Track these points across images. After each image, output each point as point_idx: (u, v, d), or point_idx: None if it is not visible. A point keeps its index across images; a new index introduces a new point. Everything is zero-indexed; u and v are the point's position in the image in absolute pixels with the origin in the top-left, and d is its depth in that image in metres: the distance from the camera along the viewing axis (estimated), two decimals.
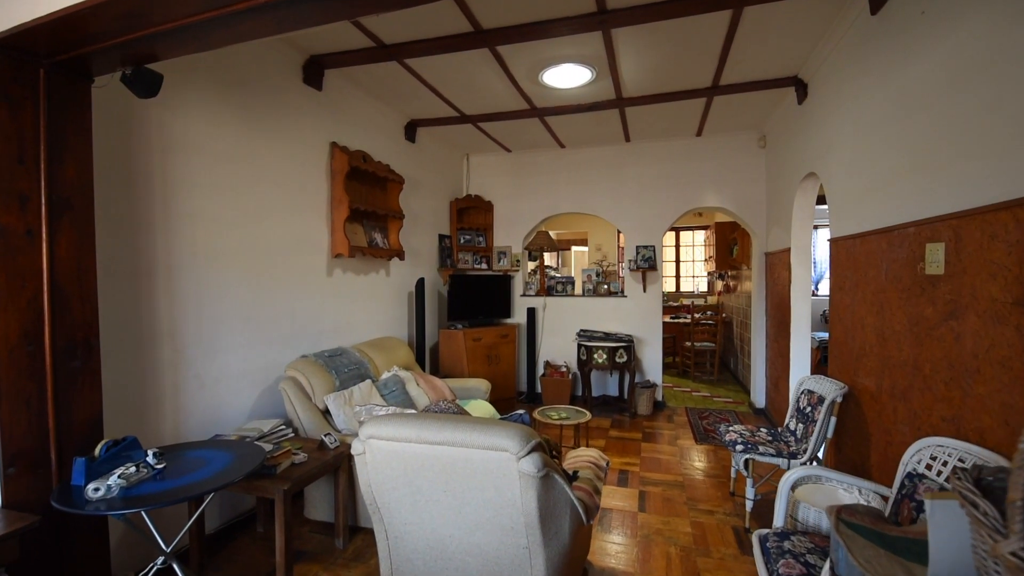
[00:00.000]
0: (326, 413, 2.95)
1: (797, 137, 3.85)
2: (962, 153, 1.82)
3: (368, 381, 3.26)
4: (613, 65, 3.37)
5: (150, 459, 1.92)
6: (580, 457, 2.36)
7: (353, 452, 1.89)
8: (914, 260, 2.15)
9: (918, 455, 1.82)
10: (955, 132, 1.87)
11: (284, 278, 3.15)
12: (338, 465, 2.51)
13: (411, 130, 4.61)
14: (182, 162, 2.50)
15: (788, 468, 2.72)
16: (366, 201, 3.89)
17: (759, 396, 5.06)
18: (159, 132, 2.40)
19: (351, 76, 3.63)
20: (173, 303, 2.45)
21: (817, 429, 2.68)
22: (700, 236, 9.37)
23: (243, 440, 2.39)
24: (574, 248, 10.44)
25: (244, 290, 2.84)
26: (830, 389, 2.78)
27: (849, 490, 2.23)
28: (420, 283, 4.52)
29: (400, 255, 4.19)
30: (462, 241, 5.57)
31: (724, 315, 7.14)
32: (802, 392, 3.03)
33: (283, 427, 2.74)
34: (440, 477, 1.78)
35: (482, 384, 4.05)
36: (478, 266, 5.72)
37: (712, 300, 8.55)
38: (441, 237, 5.29)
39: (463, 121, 4.52)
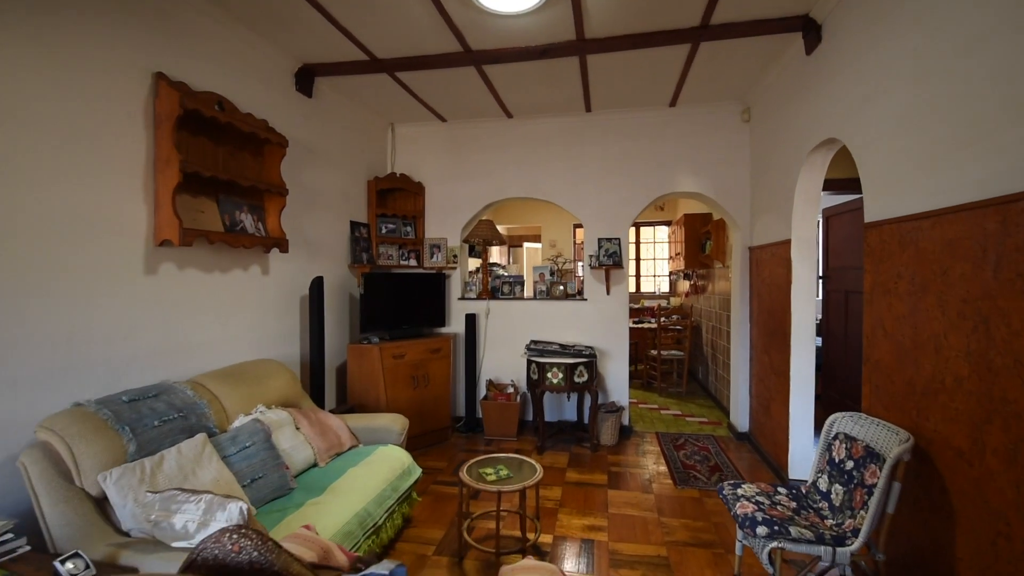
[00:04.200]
0: (104, 501, 1.78)
1: (803, 98, 3.02)
2: None
3: (200, 436, 2.10)
4: None
5: None
6: None
7: None
8: None
9: None
10: None
11: (55, 278, 1.94)
12: None
13: (306, 79, 3.44)
14: None
15: (833, 561, 1.83)
16: (223, 166, 2.71)
17: (741, 418, 4.25)
18: None
19: None
20: None
21: (875, 502, 1.80)
22: (662, 232, 8.66)
23: None
24: (526, 245, 9.48)
25: None
26: (886, 439, 1.91)
27: None
28: (317, 284, 3.37)
29: (281, 245, 3.02)
30: (384, 231, 4.44)
31: (692, 319, 6.38)
32: (836, 437, 2.16)
33: (8, 537, 1.55)
34: None
35: (396, 423, 2.97)
36: (405, 262, 4.61)
37: (675, 302, 7.83)
38: (355, 225, 4.14)
39: (376, 68, 3.40)
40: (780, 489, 2.21)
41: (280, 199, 3.05)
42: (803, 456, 3.20)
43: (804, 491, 2.20)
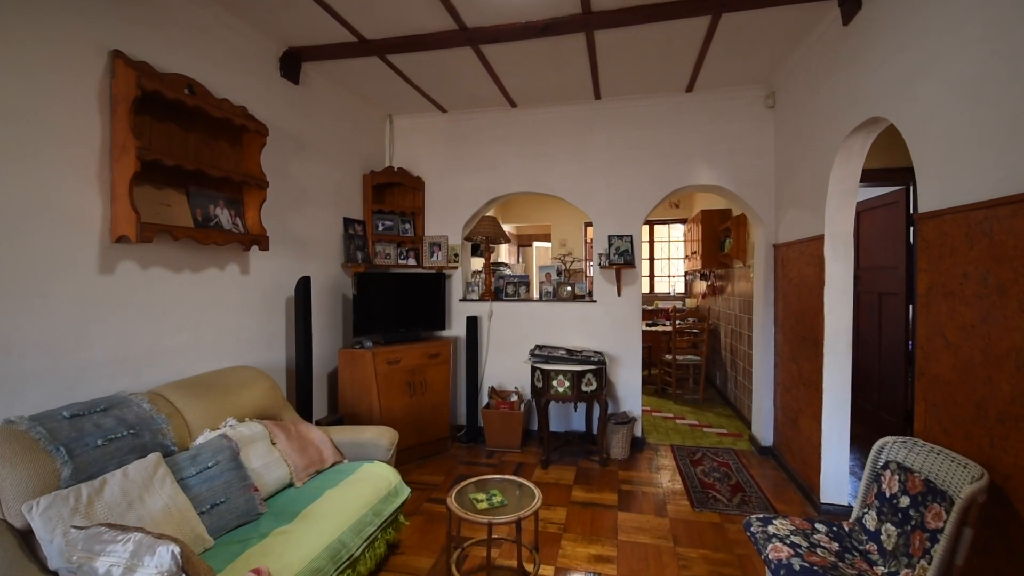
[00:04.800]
0: (29, 535, 1.54)
1: (838, 75, 2.69)
2: None
3: (153, 456, 1.86)
4: None
5: None
6: None
7: None
8: None
9: None
10: None
11: None
12: None
13: (292, 64, 3.21)
14: None
15: None
16: (192, 156, 2.48)
17: (764, 431, 3.91)
18: None
19: None
20: None
21: (941, 551, 1.48)
22: (677, 231, 8.30)
23: None
24: (536, 244, 9.19)
25: None
26: (951, 473, 1.59)
27: None
28: (303, 284, 3.13)
29: (260, 242, 2.79)
30: (380, 228, 4.19)
31: (710, 322, 6.03)
32: (887, 467, 1.84)
33: None
34: None
35: (383, 436, 2.70)
36: (403, 261, 4.36)
37: (691, 303, 7.47)
38: (348, 222, 3.90)
39: (365, 51, 3.15)
40: (819, 526, 1.89)
41: (260, 192, 2.81)
42: (837, 477, 2.87)
43: (847, 529, 1.88)
